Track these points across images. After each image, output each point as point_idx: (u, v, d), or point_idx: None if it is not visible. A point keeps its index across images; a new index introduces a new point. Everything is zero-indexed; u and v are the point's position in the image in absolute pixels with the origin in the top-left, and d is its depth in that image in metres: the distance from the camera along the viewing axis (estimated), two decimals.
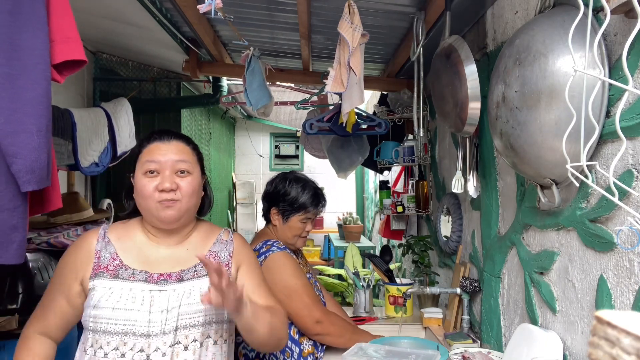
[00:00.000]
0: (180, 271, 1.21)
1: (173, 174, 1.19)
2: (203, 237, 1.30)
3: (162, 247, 1.24)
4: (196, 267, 1.23)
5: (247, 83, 2.21)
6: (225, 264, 1.27)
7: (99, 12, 2.19)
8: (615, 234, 0.98)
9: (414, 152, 2.47)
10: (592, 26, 0.91)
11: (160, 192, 1.16)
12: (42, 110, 1.10)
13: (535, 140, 1.10)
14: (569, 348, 1.18)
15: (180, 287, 1.18)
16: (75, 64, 1.18)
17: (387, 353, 1.49)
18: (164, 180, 1.17)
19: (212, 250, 1.28)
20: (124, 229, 1.26)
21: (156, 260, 1.22)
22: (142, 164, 1.20)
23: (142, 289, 1.15)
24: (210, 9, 1.43)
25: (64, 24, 1.13)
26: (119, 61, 3.19)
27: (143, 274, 1.18)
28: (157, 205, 1.17)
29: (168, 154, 1.20)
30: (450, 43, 1.52)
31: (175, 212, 1.19)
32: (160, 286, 1.17)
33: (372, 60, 2.68)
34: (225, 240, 1.32)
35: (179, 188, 1.18)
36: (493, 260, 1.66)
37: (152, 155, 1.19)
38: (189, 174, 1.22)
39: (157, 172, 1.18)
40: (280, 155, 6.23)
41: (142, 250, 1.23)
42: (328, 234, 5.29)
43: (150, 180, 1.17)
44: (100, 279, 1.16)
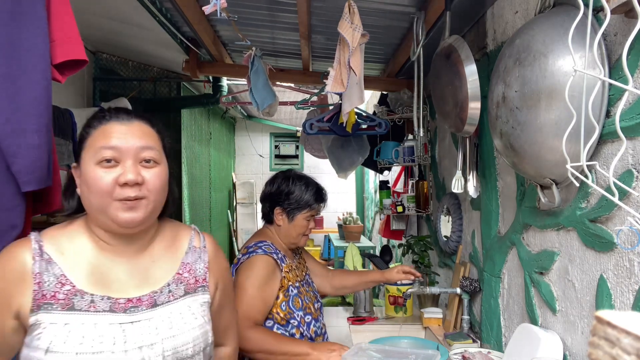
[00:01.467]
0: (152, 293, 0.97)
1: (137, 163, 0.93)
2: (169, 243, 1.06)
3: (121, 260, 0.97)
4: (169, 286, 1.00)
5: (251, 83, 2.21)
6: (202, 279, 1.05)
7: (99, 12, 2.19)
8: (615, 234, 0.98)
9: (414, 152, 2.47)
10: (592, 26, 0.91)
11: (121, 186, 0.90)
12: (42, 110, 1.09)
13: (535, 140, 1.10)
14: (569, 348, 1.18)
15: (157, 316, 0.95)
16: (76, 64, 1.18)
17: (387, 353, 1.49)
18: (127, 171, 0.91)
19: (185, 262, 1.04)
20: (66, 238, 0.96)
21: (117, 279, 0.95)
22: (95, 150, 0.92)
23: (109, 323, 0.89)
24: (215, 10, 1.43)
25: (64, 23, 1.14)
26: (119, 61, 3.19)
27: (106, 301, 0.91)
28: (116, 205, 0.91)
29: (130, 138, 0.94)
30: (450, 43, 1.52)
31: (140, 214, 0.93)
32: (131, 316, 0.92)
33: (372, 60, 2.68)
34: (197, 248, 1.08)
35: (145, 182, 0.93)
36: (493, 260, 1.66)
37: (109, 139, 0.92)
38: (157, 164, 0.96)
39: (116, 162, 0.92)
40: (280, 155, 6.23)
41: (96, 266, 0.94)
42: (328, 234, 5.28)
43: (106, 171, 0.91)
44: (48, 313, 0.87)
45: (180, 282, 1.02)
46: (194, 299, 1.02)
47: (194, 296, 1.02)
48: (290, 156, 6.21)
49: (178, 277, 1.02)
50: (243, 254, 1.64)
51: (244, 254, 1.63)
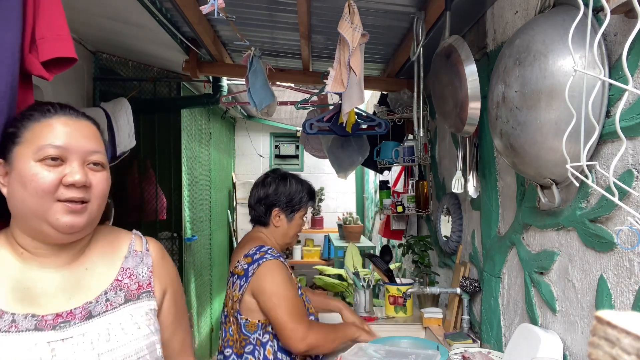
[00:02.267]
0: (86, 304, 0.87)
1: (84, 165, 0.87)
2: (106, 248, 0.96)
3: (49, 271, 0.87)
4: (107, 295, 0.90)
5: (250, 83, 2.21)
6: (145, 284, 0.96)
7: (99, 12, 2.19)
8: (615, 234, 0.98)
9: (414, 152, 2.47)
10: (592, 26, 0.91)
11: (66, 187, 0.83)
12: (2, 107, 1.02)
13: (535, 140, 1.10)
14: (569, 348, 1.18)
15: (92, 329, 0.84)
16: (66, 62, 1.16)
17: (387, 353, 1.49)
18: (74, 171, 0.84)
19: (126, 267, 0.95)
20: None
21: (44, 292, 0.85)
22: (37, 146, 0.83)
23: (35, 343, 0.79)
24: (212, 10, 1.43)
25: (54, 21, 1.11)
26: (119, 61, 3.19)
27: (30, 319, 0.80)
28: (58, 207, 0.82)
29: (79, 137, 0.87)
30: (450, 43, 1.52)
31: (83, 219, 0.85)
32: (61, 332, 0.82)
33: (372, 60, 2.68)
34: (139, 252, 0.99)
35: (92, 186, 0.87)
36: (493, 260, 1.66)
37: (55, 136, 0.84)
38: (103, 168, 0.90)
39: (62, 160, 0.84)
40: (280, 155, 6.22)
41: (19, 281, 0.84)
42: (328, 234, 5.28)
43: (50, 170, 0.82)
44: None
45: (119, 289, 0.92)
46: (137, 307, 0.92)
47: (137, 303, 0.92)
48: (290, 156, 6.21)
49: (117, 284, 0.92)
50: (248, 263, 1.59)
51: (250, 263, 1.58)
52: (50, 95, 2.48)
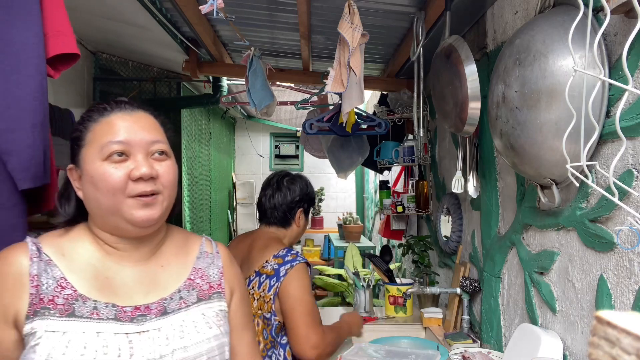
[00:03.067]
0: (161, 300, 0.89)
1: (148, 157, 0.87)
2: (179, 248, 0.98)
3: (127, 265, 0.89)
4: (180, 293, 0.92)
5: (249, 83, 2.21)
6: (216, 284, 0.97)
7: (99, 12, 2.19)
8: (615, 234, 0.98)
9: (414, 152, 2.47)
10: (592, 26, 0.91)
11: (134, 181, 0.83)
12: (37, 106, 1.06)
13: (535, 140, 1.10)
14: (569, 348, 1.18)
15: (167, 325, 0.86)
16: (69, 59, 1.16)
17: (387, 353, 1.49)
18: (140, 164, 0.84)
19: (197, 268, 0.97)
20: (67, 241, 0.88)
21: (123, 284, 0.87)
22: (101, 145, 0.84)
23: (114, 332, 0.81)
24: (212, 10, 1.43)
25: (56, 17, 1.11)
26: (119, 61, 3.19)
27: (110, 308, 0.83)
28: (130, 202, 0.83)
29: (138, 130, 0.87)
30: (450, 43, 1.52)
31: (157, 211, 0.86)
32: (139, 325, 0.84)
33: (372, 60, 2.68)
34: (210, 253, 1.01)
35: (159, 176, 0.86)
36: (493, 260, 1.66)
37: (116, 132, 0.85)
38: (167, 157, 0.90)
39: (126, 155, 0.85)
40: (280, 155, 6.22)
41: (101, 271, 0.86)
42: (328, 234, 5.28)
43: (117, 166, 0.83)
44: (45, 319, 0.78)
45: (192, 288, 0.94)
46: (209, 307, 0.94)
47: (209, 303, 0.94)
48: (290, 156, 6.21)
49: (189, 283, 0.94)
50: (279, 264, 1.56)
51: (281, 264, 1.56)
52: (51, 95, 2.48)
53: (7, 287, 0.80)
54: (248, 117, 5.89)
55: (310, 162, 5.87)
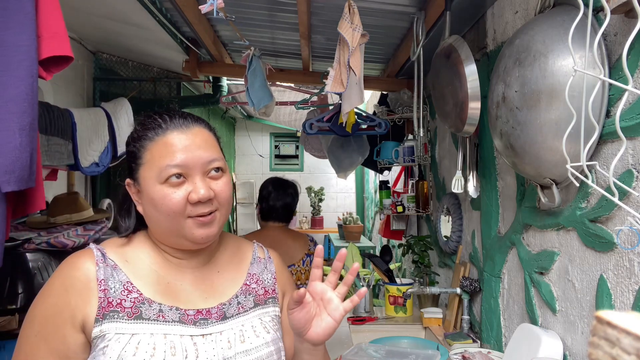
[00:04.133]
0: (220, 305, 0.91)
1: (205, 177, 0.87)
2: (233, 254, 1.01)
3: (186, 271, 0.92)
4: (238, 298, 0.94)
5: (248, 83, 2.21)
6: (271, 289, 1.00)
7: (99, 12, 2.19)
8: (615, 234, 0.98)
9: (414, 152, 2.47)
10: (592, 26, 0.91)
11: (193, 204, 0.84)
12: (25, 108, 1.05)
13: (535, 140, 1.10)
14: (569, 348, 1.18)
15: (228, 329, 0.89)
16: (62, 61, 1.15)
17: (387, 353, 1.49)
18: (198, 187, 0.84)
19: (252, 273, 1.00)
20: (129, 247, 0.91)
21: (183, 289, 0.90)
22: (159, 168, 0.84)
23: (180, 334, 0.83)
24: (212, 9, 1.43)
25: (51, 19, 1.10)
26: (119, 61, 3.19)
27: (174, 311, 0.85)
28: (190, 224, 0.85)
29: (195, 149, 0.86)
30: (450, 43, 1.52)
31: (215, 229, 0.88)
32: (201, 328, 0.86)
33: (372, 60, 2.68)
34: (262, 259, 1.03)
35: (216, 195, 0.87)
36: (493, 260, 1.66)
37: (173, 154, 0.84)
38: (223, 172, 0.90)
39: (184, 178, 0.85)
40: (280, 155, 6.22)
41: (162, 276, 0.89)
42: (328, 234, 5.28)
43: (175, 190, 0.84)
44: (113, 322, 0.81)
45: (248, 293, 0.96)
46: (265, 312, 0.96)
47: (265, 308, 0.96)
48: (290, 156, 6.21)
49: (246, 288, 0.96)
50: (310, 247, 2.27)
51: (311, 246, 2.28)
52: (51, 95, 2.48)
53: (75, 292, 0.81)
54: (248, 117, 5.89)
55: (310, 162, 5.86)
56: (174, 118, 0.89)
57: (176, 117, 0.89)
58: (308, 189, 5.45)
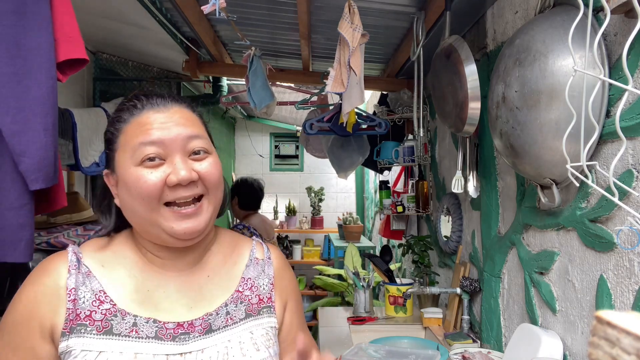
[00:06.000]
0: (206, 316, 0.80)
1: (186, 157, 0.77)
2: (227, 255, 0.88)
3: (172, 275, 0.81)
4: (227, 307, 0.82)
5: (250, 83, 2.21)
6: (266, 297, 0.87)
7: (99, 12, 2.19)
8: (615, 234, 0.98)
9: (414, 152, 2.47)
10: (592, 26, 0.91)
11: (172, 188, 0.74)
12: (48, 109, 1.10)
13: (535, 140, 1.10)
14: (569, 348, 1.18)
15: (211, 345, 0.77)
16: (77, 63, 1.19)
17: (387, 353, 1.49)
18: (178, 168, 0.74)
19: (247, 277, 0.87)
20: (109, 250, 0.81)
21: (165, 297, 0.79)
22: (133, 148, 0.75)
23: (154, 354, 0.73)
24: (214, 9, 1.43)
25: (66, 23, 1.14)
26: (119, 61, 3.19)
27: (151, 324, 0.75)
28: (168, 215, 0.75)
29: (172, 126, 0.76)
30: (450, 43, 1.52)
31: (201, 221, 0.77)
32: (181, 345, 0.75)
33: (372, 60, 2.68)
34: (261, 260, 0.90)
35: (200, 177, 0.77)
36: (493, 260, 1.66)
37: (148, 132, 0.75)
38: (208, 153, 0.80)
39: (161, 159, 0.75)
40: (280, 155, 6.22)
41: (142, 282, 0.79)
42: (328, 234, 5.28)
43: (151, 171, 0.74)
44: (81, 337, 0.72)
45: (240, 302, 0.84)
46: (257, 323, 0.84)
47: (258, 319, 0.84)
48: (290, 156, 6.20)
49: (237, 296, 0.84)
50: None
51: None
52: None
53: (45, 300, 0.74)
54: (248, 117, 5.89)
55: (310, 162, 5.86)
56: (151, 98, 0.80)
57: (153, 97, 0.80)
58: (308, 189, 5.45)
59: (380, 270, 2.29)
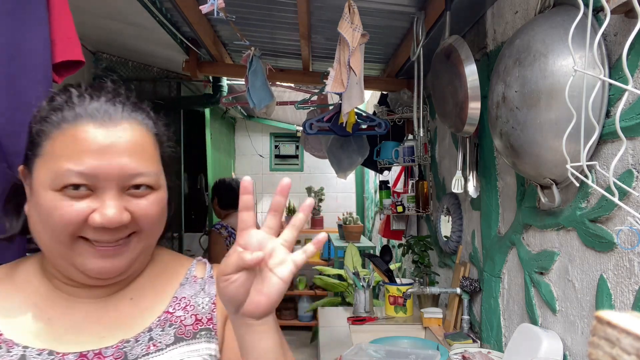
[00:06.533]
0: (121, 343, 0.66)
1: (122, 194, 0.63)
2: (158, 274, 0.75)
3: (82, 300, 0.68)
4: (151, 332, 0.68)
5: (249, 83, 2.21)
6: (206, 318, 0.73)
7: (99, 12, 2.19)
8: (615, 234, 0.98)
9: (414, 152, 2.47)
10: (592, 26, 0.91)
11: (94, 229, 0.61)
12: None
13: (535, 140, 1.10)
14: (569, 348, 1.18)
15: None
16: (73, 65, 1.18)
17: (387, 353, 1.49)
18: (106, 206, 0.61)
19: (180, 297, 0.73)
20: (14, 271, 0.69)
21: (71, 325, 0.66)
22: (56, 168, 0.61)
23: None
24: (212, 9, 1.43)
25: (62, 24, 1.14)
26: (119, 61, 3.19)
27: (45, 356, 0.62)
28: (82, 249, 0.62)
29: (114, 156, 0.62)
30: (450, 43, 1.52)
31: (123, 261, 0.65)
32: None
33: (372, 60, 2.68)
34: (200, 279, 0.76)
35: (135, 219, 0.64)
36: (493, 260, 1.66)
37: (80, 157, 0.60)
38: (153, 189, 0.66)
39: (89, 189, 0.61)
40: (280, 155, 6.22)
41: (43, 310, 0.66)
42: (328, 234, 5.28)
43: (71, 203, 0.60)
44: None
45: (168, 325, 0.70)
46: (192, 349, 0.69)
47: (192, 344, 0.70)
48: (290, 156, 6.21)
49: (166, 317, 0.70)
50: None
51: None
52: None
53: None
54: (248, 117, 5.89)
55: (310, 162, 5.86)
56: (96, 100, 0.64)
57: (100, 100, 0.64)
58: (308, 189, 5.45)
59: (380, 270, 2.29)
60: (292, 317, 5.05)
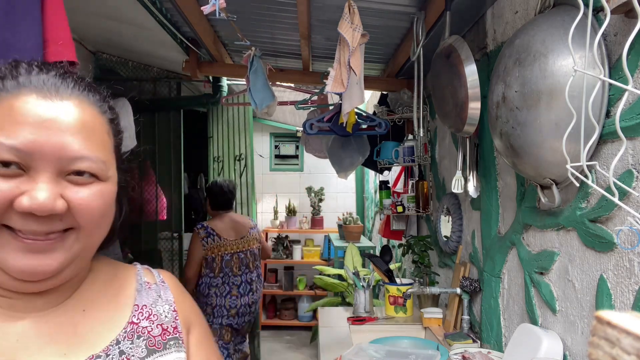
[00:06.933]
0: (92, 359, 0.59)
1: (60, 178, 0.54)
2: (106, 282, 0.68)
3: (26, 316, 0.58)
4: (120, 345, 0.62)
5: (250, 83, 2.21)
6: (172, 327, 0.69)
7: (99, 12, 2.19)
8: (615, 234, 0.98)
9: (414, 152, 2.47)
10: (592, 26, 0.91)
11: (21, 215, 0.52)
12: None
13: (535, 140, 1.10)
14: (569, 348, 1.18)
15: None
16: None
17: (387, 353, 1.50)
18: (38, 189, 0.52)
19: (141, 305, 0.68)
20: None
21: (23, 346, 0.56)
22: None
23: None
24: (214, 10, 1.42)
25: (56, 25, 1.12)
26: (119, 61, 3.19)
27: None
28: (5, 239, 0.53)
29: (57, 131, 0.53)
30: (450, 43, 1.52)
31: (52, 261, 0.55)
32: None
33: (372, 60, 2.68)
34: (153, 284, 0.72)
35: (71, 209, 0.55)
36: (493, 260, 1.66)
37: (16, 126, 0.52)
38: (96, 179, 0.57)
39: (20, 168, 0.52)
40: (280, 155, 6.22)
41: None
42: (328, 234, 5.28)
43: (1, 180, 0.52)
44: None
45: (137, 336, 0.65)
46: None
47: (165, 355, 0.66)
48: (290, 156, 6.20)
49: (133, 329, 0.65)
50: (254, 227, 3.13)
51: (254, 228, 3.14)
52: None
53: None
54: None
55: (310, 162, 5.86)
56: (45, 73, 0.56)
57: (49, 74, 0.56)
58: (308, 189, 5.45)
59: (380, 270, 2.29)
60: (292, 317, 5.05)
